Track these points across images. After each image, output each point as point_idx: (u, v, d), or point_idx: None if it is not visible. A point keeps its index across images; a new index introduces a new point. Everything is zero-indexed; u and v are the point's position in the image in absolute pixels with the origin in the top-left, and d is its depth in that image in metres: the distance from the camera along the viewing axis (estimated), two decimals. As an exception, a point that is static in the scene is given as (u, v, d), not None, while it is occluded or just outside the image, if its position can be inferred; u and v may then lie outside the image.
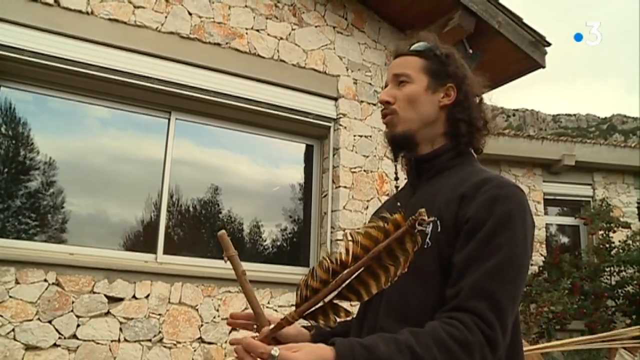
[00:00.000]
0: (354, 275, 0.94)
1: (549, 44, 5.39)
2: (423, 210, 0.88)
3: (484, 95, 1.43)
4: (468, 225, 1.15)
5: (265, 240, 5.13)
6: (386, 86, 1.42)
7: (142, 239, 4.50)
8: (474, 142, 1.38)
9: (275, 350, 0.88)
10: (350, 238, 0.95)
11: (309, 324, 1.01)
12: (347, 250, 0.95)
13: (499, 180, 1.22)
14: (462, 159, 1.36)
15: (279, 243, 5.13)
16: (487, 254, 1.11)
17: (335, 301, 0.96)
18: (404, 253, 0.91)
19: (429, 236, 1.18)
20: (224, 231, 1.15)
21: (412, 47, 1.40)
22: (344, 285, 0.95)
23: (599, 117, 69.91)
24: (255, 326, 1.20)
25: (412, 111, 1.34)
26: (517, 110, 66.73)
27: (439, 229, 1.18)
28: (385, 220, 0.92)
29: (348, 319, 0.97)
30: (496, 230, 1.13)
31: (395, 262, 0.92)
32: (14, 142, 4.19)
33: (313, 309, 0.97)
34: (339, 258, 0.95)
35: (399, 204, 1.36)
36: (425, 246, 1.17)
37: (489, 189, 1.19)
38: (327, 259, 0.96)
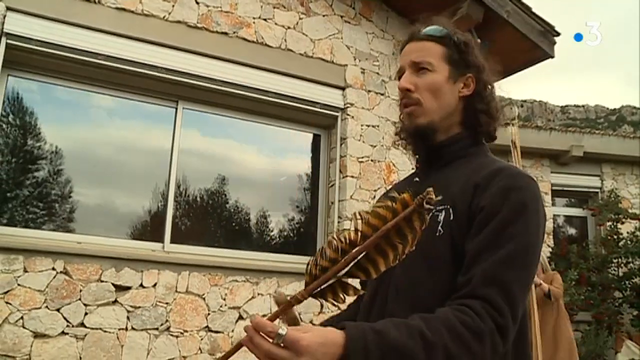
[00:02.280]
0: (362, 254, 0.94)
1: (558, 34, 5.34)
2: (431, 189, 0.88)
3: (495, 83, 1.42)
4: (481, 214, 1.15)
5: (272, 230, 5.14)
6: (400, 71, 1.37)
7: (149, 229, 4.52)
8: (490, 132, 1.38)
9: (283, 329, 0.88)
10: (359, 217, 0.95)
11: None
12: (356, 229, 0.95)
13: (512, 171, 1.22)
14: (476, 149, 1.35)
15: (286, 233, 5.13)
16: (499, 243, 1.11)
17: (344, 279, 0.96)
18: (412, 231, 0.91)
19: (441, 224, 1.18)
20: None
21: (430, 32, 1.35)
22: (352, 263, 0.95)
23: (607, 108, 69.34)
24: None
25: (435, 102, 1.32)
26: (525, 101, 66.33)
27: (452, 217, 1.18)
28: (393, 199, 0.92)
29: (361, 293, 0.97)
30: (509, 220, 1.13)
31: (403, 240, 0.92)
32: (21, 131, 4.21)
33: (322, 287, 0.97)
34: (348, 237, 0.95)
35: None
36: (438, 234, 1.17)
37: (502, 178, 1.19)
38: (337, 238, 0.96)
